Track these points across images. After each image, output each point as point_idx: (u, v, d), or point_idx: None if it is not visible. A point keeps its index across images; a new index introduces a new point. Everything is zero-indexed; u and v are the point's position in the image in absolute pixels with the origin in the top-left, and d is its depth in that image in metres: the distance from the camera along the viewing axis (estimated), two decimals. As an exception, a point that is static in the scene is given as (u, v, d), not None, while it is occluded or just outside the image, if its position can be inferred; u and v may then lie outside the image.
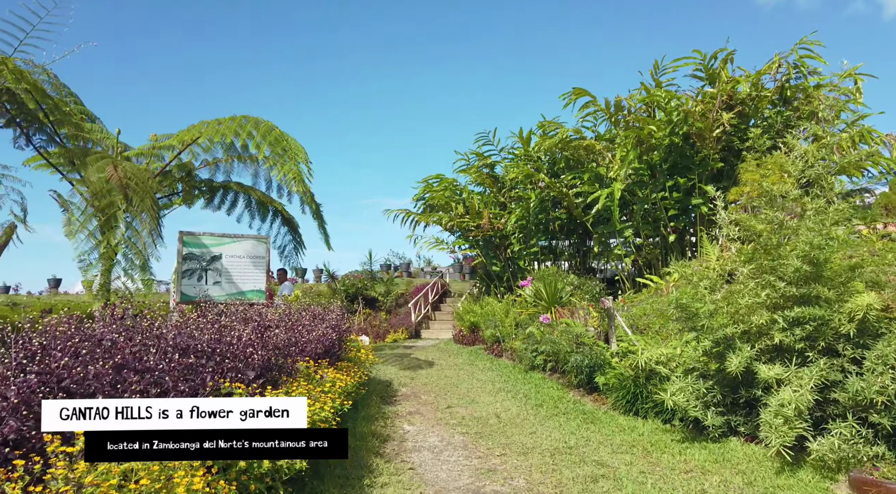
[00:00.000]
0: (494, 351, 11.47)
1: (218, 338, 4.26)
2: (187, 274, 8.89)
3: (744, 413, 5.93)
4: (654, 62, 13.08)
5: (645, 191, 12.58)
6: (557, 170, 14.57)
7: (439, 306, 18.70)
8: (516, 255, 15.43)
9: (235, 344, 4.30)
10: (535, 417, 6.85)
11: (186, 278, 8.88)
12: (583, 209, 13.71)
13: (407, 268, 25.07)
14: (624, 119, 13.36)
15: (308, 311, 6.90)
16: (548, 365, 9.22)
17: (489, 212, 14.76)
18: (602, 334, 8.77)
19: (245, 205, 11.38)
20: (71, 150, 7.99)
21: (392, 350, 13.21)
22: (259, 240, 9.71)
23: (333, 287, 18.78)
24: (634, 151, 11.79)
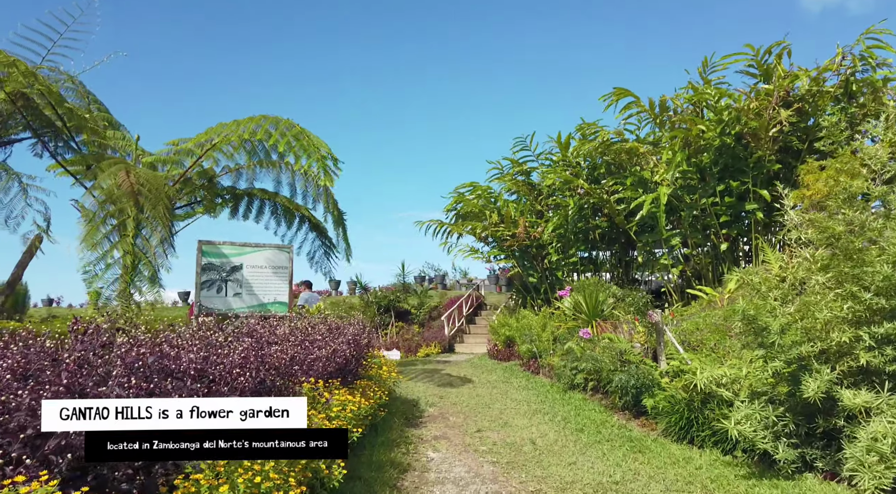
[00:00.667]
0: (531, 368, 10.72)
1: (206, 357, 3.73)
2: (206, 285, 8.49)
3: (821, 445, 5.08)
4: (702, 60, 12.26)
5: (694, 195, 11.70)
6: (597, 176, 13.79)
7: (474, 319, 18.00)
8: (554, 266, 14.65)
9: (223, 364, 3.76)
10: (575, 444, 6.11)
11: (206, 289, 8.49)
12: (625, 216, 12.89)
13: (442, 280, 24.46)
14: (669, 120, 12.53)
15: (325, 325, 6.35)
16: (589, 384, 8.44)
17: (525, 220, 14.05)
18: (649, 351, 7.96)
19: (271, 212, 11.00)
20: (86, 156, 7.71)
21: (423, 365, 12.58)
22: (281, 248, 9.27)
23: (366, 299, 18.32)
24: (682, 153, 10.95)
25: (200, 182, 8.76)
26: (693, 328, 8.25)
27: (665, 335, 7.58)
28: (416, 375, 10.60)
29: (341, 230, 9.93)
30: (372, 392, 5.97)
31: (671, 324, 8.52)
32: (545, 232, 13.91)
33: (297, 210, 10.51)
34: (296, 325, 5.96)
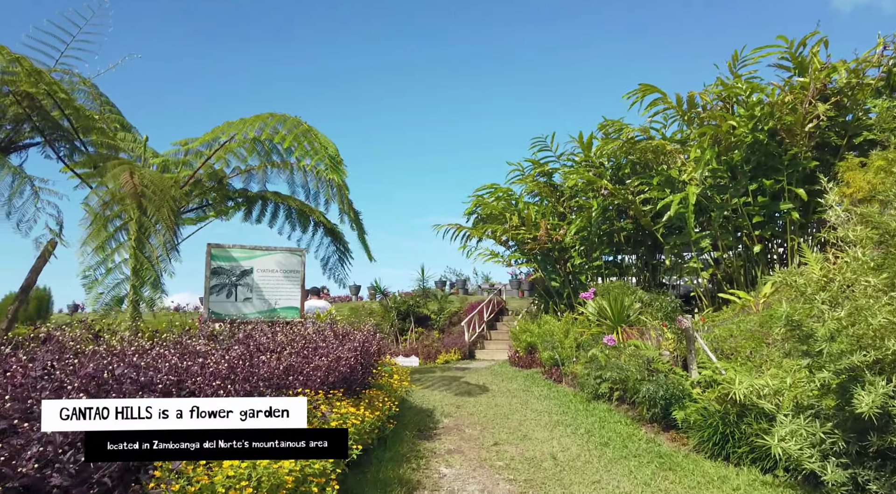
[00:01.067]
0: (553, 376, 10.26)
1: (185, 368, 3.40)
2: (216, 289, 8.24)
3: (875, 466, 4.56)
4: (732, 53, 11.70)
5: (724, 195, 11.14)
6: (622, 176, 13.28)
7: (495, 325, 17.56)
8: (577, 270, 14.16)
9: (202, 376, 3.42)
10: (599, 460, 5.66)
11: (215, 294, 8.23)
12: (652, 217, 12.37)
13: (463, 285, 24.07)
14: (698, 117, 11.98)
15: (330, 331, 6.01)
16: (614, 394, 7.97)
17: (546, 222, 13.60)
18: (679, 359, 7.46)
19: (286, 216, 10.74)
20: (92, 157, 7.52)
21: (442, 372, 12.19)
22: (293, 252, 8.98)
23: (385, 304, 18.01)
24: (711, 150, 10.41)
25: (210, 184, 8.53)
26: (726, 334, 7.74)
27: (696, 342, 7.09)
28: (433, 383, 10.21)
29: (358, 231, 9.60)
30: (380, 402, 5.60)
31: (702, 331, 8.01)
32: (567, 234, 13.43)
33: (311, 213, 10.22)
34: (299, 331, 5.63)
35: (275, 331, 5.44)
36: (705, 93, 11.90)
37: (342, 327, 6.49)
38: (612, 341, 8.16)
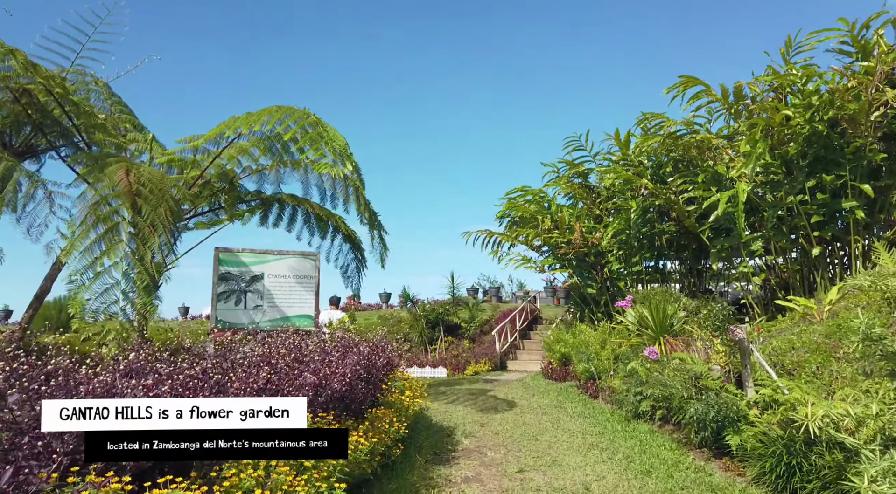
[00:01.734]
0: (588, 390, 9.44)
1: (121, 390, 2.84)
2: (224, 296, 7.75)
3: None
4: (785, 39, 10.72)
5: (778, 193, 10.16)
6: (663, 175, 12.36)
7: (528, 334, 16.75)
8: (615, 275, 13.26)
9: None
10: (640, 492, 4.87)
11: (223, 302, 7.74)
12: (696, 219, 11.43)
13: (497, 293, 23.29)
14: (746, 109, 11.02)
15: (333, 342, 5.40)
16: (656, 413, 7.13)
17: (581, 225, 12.76)
18: (732, 375, 6.58)
19: (304, 221, 10.23)
20: (92, 155, 7.14)
21: (470, 384, 11.48)
22: (306, 256, 8.44)
23: (414, 313, 17.40)
24: (764, 143, 9.45)
25: (220, 185, 8.06)
26: (786, 347, 6.83)
27: (752, 355, 6.21)
28: (458, 397, 9.51)
29: (377, 233, 9.00)
30: (386, 424, 4.94)
31: (757, 342, 7.11)
32: (604, 238, 12.57)
33: (329, 218, 9.67)
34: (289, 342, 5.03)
35: (267, 342, 4.86)
36: (754, 83, 10.94)
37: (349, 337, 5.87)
38: (653, 354, 7.32)
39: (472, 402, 9.03)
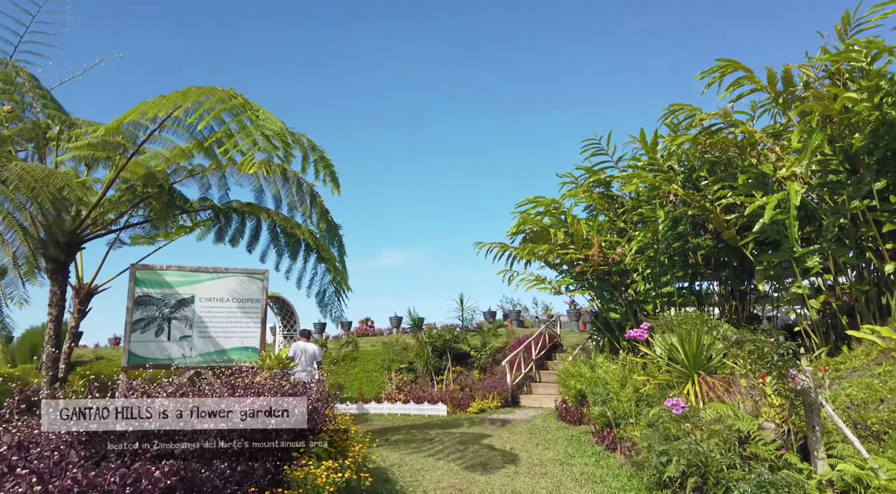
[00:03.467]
0: (605, 440, 7.64)
1: None
2: (140, 325, 6.32)
3: None
4: (842, 15, 8.93)
5: (839, 196, 8.30)
6: (696, 179, 10.57)
7: (546, 364, 14.89)
8: (642, 298, 11.42)
9: None
10: None
11: (139, 331, 6.31)
12: (738, 231, 9.59)
13: (517, 317, 21.45)
14: (797, 99, 9.22)
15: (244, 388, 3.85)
16: (688, 481, 5.32)
17: (601, 239, 11.01)
18: (793, 436, 4.78)
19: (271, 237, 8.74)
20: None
21: (469, 427, 9.77)
22: (252, 275, 6.99)
23: (420, 339, 15.74)
24: (821, 133, 7.63)
25: (146, 190, 6.68)
26: (868, 396, 4.98)
27: (822, 408, 4.42)
28: (445, 447, 7.83)
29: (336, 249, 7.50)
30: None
31: (825, 387, 5.28)
32: (627, 253, 10.80)
33: (297, 230, 8.16)
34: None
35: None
36: (809, 63, 9.14)
37: (255, 381, 4.31)
38: (679, 407, 5.48)
39: (460, 455, 7.33)
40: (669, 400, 5.50)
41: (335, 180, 7.29)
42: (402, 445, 8.13)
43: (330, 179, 7.30)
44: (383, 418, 12.01)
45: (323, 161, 7.34)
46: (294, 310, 13.26)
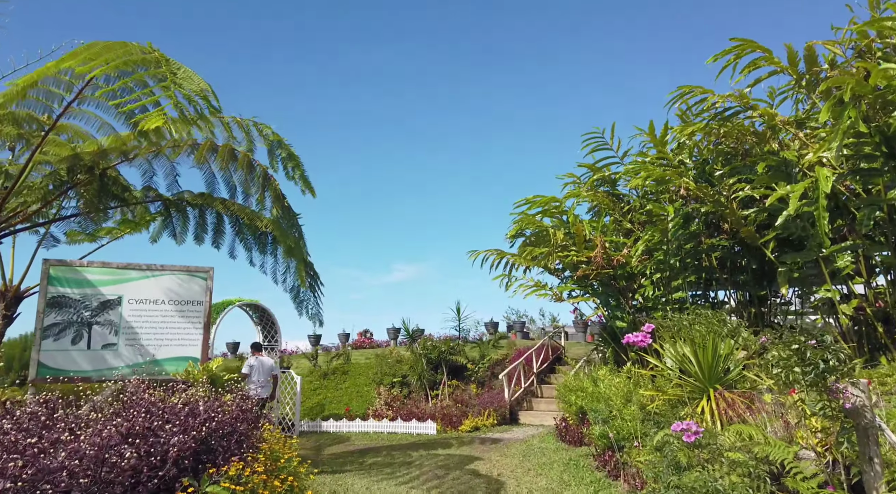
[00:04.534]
0: (607, 465, 6.60)
1: None
2: (53, 331, 5.37)
3: None
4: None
5: (875, 184, 7.28)
6: (709, 172, 9.57)
7: (548, 377, 13.83)
8: (650, 304, 10.39)
9: None
10: None
11: (52, 338, 5.35)
12: (757, 229, 8.58)
13: (522, 328, 20.46)
14: (820, 80, 8.24)
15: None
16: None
17: (604, 239, 10.00)
18: (839, 468, 3.74)
19: (235, 232, 7.90)
20: None
21: (457, 448, 8.75)
22: (193, 274, 6.05)
23: (415, 351, 14.76)
24: (854, 109, 6.62)
25: (73, 177, 5.81)
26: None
27: (881, 433, 3.39)
28: (422, 473, 6.82)
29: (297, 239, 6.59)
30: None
31: (878, 406, 4.23)
32: (633, 254, 9.79)
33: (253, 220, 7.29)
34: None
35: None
36: (833, 44, 8.17)
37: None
38: (690, 434, 4.41)
39: (437, 483, 6.32)
40: (678, 424, 4.46)
41: (305, 180, 6.54)
42: (375, 470, 7.13)
43: (300, 178, 6.49)
44: (367, 437, 11.01)
45: (292, 159, 6.53)
46: (275, 320, 12.34)
